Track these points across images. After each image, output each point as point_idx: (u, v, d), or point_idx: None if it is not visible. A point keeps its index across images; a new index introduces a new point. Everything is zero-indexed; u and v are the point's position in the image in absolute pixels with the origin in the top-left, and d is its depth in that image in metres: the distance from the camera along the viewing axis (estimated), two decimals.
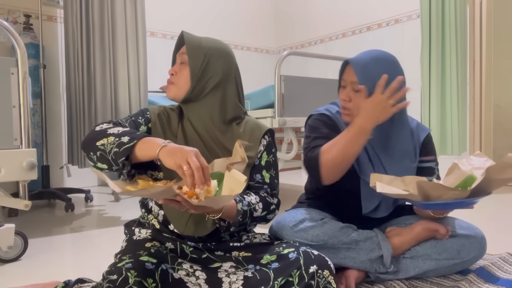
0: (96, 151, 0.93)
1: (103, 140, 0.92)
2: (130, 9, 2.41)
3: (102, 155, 0.92)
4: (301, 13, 4.47)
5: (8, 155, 1.43)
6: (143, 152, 0.90)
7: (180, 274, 0.91)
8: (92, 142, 0.94)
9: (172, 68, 1.11)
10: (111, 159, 0.91)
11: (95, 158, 0.93)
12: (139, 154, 0.90)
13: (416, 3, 3.04)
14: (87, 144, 0.95)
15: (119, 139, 0.91)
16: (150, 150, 0.89)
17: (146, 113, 1.09)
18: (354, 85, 1.18)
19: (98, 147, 0.92)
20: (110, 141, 0.92)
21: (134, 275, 0.81)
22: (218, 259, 0.98)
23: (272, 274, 0.91)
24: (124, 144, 0.90)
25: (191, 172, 0.81)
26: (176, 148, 0.86)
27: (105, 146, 0.92)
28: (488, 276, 1.20)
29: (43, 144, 2.76)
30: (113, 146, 0.90)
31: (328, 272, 0.92)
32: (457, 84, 2.91)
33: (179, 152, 0.84)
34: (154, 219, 1.06)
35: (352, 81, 1.18)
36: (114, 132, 0.94)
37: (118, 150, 0.89)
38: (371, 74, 1.14)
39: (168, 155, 0.85)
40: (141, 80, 2.45)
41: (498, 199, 2.60)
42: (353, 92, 1.19)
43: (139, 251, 0.88)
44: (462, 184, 1.13)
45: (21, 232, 1.56)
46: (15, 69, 1.49)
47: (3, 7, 2.98)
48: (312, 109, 2.40)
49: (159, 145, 0.87)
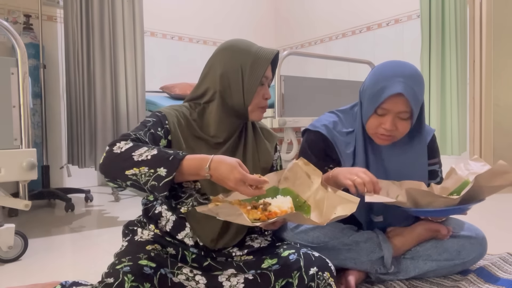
0: (126, 181, 0.84)
1: (134, 170, 0.83)
2: (128, 9, 2.41)
3: (134, 185, 0.84)
4: (301, 13, 4.47)
5: (8, 155, 1.43)
6: (186, 177, 0.85)
7: (180, 279, 0.90)
8: (118, 170, 0.84)
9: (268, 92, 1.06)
10: (147, 190, 0.83)
11: (124, 185, 0.86)
12: (181, 179, 0.85)
13: (416, 3, 3.04)
14: (111, 171, 0.85)
15: (155, 171, 0.82)
16: (195, 175, 0.84)
17: (165, 122, 0.98)
18: (402, 114, 1.11)
19: (128, 177, 0.83)
20: (144, 171, 0.82)
21: (131, 280, 0.80)
22: (219, 266, 0.96)
23: (272, 276, 0.91)
24: (162, 178, 0.81)
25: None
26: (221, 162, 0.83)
27: (137, 176, 0.82)
28: (488, 276, 1.20)
29: (43, 144, 2.76)
30: (150, 179, 0.82)
31: (328, 274, 0.92)
32: (457, 84, 2.91)
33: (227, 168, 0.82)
34: (156, 230, 1.01)
35: (400, 110, 1.10)
36: (143, 159, 0.83)
37: (157, 184, 0.81)
38: (418, 99, 1.11)
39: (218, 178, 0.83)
40: (138, 80, 2.44)
41: (498, 199, 2.59)
42: (399, 121, 1.13)
43: (139, 254, 0.87)
44: (459, 189, 1.13)
45: (21, 232, 1.56)
46: (15, 69, 1.49)
47: (3, 7, 2.98)
48: (312, 109, 2.41)
49: (204, 168, 0.83)
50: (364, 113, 1.17)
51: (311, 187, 0.96)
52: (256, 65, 1.00)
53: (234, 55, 1.02)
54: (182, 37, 4.05)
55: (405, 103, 1.09)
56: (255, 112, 1.04)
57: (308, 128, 1.27)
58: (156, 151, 0.85)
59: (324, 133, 1.21)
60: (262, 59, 1.00)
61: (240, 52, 1.02)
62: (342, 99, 2.42)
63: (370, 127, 1.17)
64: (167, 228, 1.00)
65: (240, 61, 1.01)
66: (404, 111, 1.10)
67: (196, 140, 1.02)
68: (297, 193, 0.97)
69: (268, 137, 1.14)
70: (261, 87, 1.03)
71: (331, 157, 1.22)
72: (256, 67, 1.00)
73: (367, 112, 1.16)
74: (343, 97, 2.46)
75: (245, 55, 1.01)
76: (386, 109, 1.11)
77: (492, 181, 1.01)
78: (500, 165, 0.99)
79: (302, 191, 0.97)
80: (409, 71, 1.12)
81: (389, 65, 1.15)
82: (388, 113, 1.12)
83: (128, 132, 0.93)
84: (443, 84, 2.90)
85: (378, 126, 1.14)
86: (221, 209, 0.81)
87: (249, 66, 1.00)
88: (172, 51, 3.96)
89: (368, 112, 1.15)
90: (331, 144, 1.21)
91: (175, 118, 1.00)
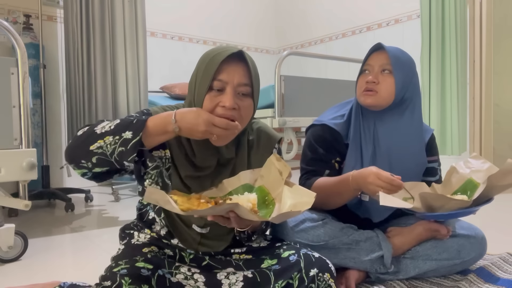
0: (91, 157, 0.82)
1: (98, 143, 0.81)
2: (130, 9, 2.41)
3: (100, 159, 0.82)
4: (301, 13, 4.47)
5: (8, 155, 1.43)
6: (154, 138, 0.82)
7: (178, 278, 0.89)
8: (82, 147, 0.82)
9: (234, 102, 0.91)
10: (114, 160, 0.81)
11: (90, 164, 0.83)
12: (149, 142, 0.82)
13: (416, 3, 3.04)
14: (75, 152, 0.83)
15: (120, 137, 0.80)
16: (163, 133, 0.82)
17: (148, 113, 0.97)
18: (384, 66, 1.20)
19: (93, 152, 0.81)
20: (109, 141, 0.81)
21: (128, 282, 0.79)
22: (218, 265, 0.96)
23: (272, 276, 0.90)
24: (129, 140, 0.80)
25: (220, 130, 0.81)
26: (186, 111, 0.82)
27: (103, 148, 0.81)
28: (488, 276, 1.20)
29: (43, 144, 2.76)
30: (116, 146, 0.80)
31: (328, 275, 0.91)
32: (457, 84, 2.91)
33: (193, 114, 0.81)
34: (152, 233, 1.00)
35: (382, 63, 1.20)
36: (106, 130, 0.82)
37: (124, 149, 0.80)
38: (401, 62, 1.20)
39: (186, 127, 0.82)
40: (141, 80, 2.44)
41: (498, 199, 2.59)
42: (381, 75, 1.21)
43: (136, 257, 0.86)
44: (462, 188, 1.14)
45: (21, 232, 1.56)
46: (15, 69, 1.49)
47: (3, 7, 2.98)
48: (312, 109, 2.41)
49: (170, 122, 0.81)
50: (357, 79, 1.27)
51: (281, 184, 0.92)
52: (207, 68, 0.89)
53: (198, 61, 0.95)
54: (182, 37, 4.05)
55: (386, 57, 1.19)
56: None
57: (314, 123, 1.30)
58: (118, 120, 0.84)
59: (331, 126, 1.25)
60: (213, 61, 0.89)
61: (203, 57, 0.94)
62: (342, 99, 2.41)
63: (358, 88, 1.26)
64: (161, 232, 0.99)
65: (198, 67, 0.93)
66: (385, 63, 1.19)
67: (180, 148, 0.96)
68: (268, 191, 0.93)
69: (267, 144, 1.04)
70: (217, 93, 0.89)
71: (337, 150, 1.24)
72: (206, 70, 0.89)
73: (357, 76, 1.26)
74: (343, 97, 2.44)
75: (203, 59, 0.92)
76: (370, 64, 1.22)
77: (502, 180, 1.02)
78: (509, 163, 1.00)
79: (274, 189, 0.93)
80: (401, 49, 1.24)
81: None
82: (371, 69, 1.22)
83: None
84: (443, 84, 2.90)
85: (364, 84, 1.22)
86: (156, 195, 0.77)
87: (202, 71, 0.91)
88: (172, 51, 3.96)
89: (358, 75, 1.26)
90: (336, 137, 1.24)
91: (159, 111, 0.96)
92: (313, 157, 1.24)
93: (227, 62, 0.89)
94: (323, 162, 1.24)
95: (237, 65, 0.90)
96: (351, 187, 1.09)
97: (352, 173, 1.10)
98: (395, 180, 1.01)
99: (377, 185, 1.03)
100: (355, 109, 1.27)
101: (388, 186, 1.02)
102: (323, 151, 1.23)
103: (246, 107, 0.92)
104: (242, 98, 0.91)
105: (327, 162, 1.24)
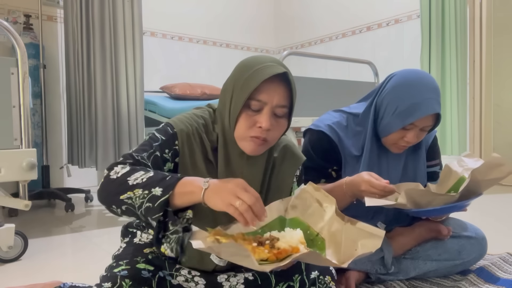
0: (121, 205, 0.78)
1: (128, 194, 0.77)
2: (128, 8, 2.41)
3: (128, 209, 0.78)
4: (301, 13, 4.47)
5: (8, 155, 1.43)
6: (181, 201, 0.76)
7: (179, 280, 0.89)
8: (113, 195, 0.79)
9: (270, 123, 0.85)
10: (140, 214, 0.77)
11: (119, 211, 0.80)
12: (177, 203, 0.76)
13: (416, 3, 3.04)
14: (107, 198, 0.81)
15: (149, 192, 0.75)
16: (190, 197, 0.75)
17: (175, 143, 0.88)
18: (426, 127, 1.12)
19: (123, 202, 0.78)
20: (138, 194, 0.76)
21: (128, 284, 0.79)
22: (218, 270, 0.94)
23: (273, 278, 0.90)
24: (157, 198, 0.75)
25: (246, 207, 0.70)
26: (221, 185, 0.74)
27: (132, 200, 0.77)
28: (488, 276, 1.20)
29: (43, 144, 2.76)
30: (144, 201, 0.76)
31: (329, 278, 0.91)
32: (457, 84, 2.91)
33: (225, 189, 0.72)
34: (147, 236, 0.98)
35: (427, 125, 1.11)
36: (138, 182, 0.78)
37: (151, 205, 0.75)
38: None
39: (214, 196, 0.73)
40: (137, 80, 2.44)
41: (498, 199, 2.59)
42: (420, 132, 1.13)
43: (137, 257, 0.86)
44: (455, 186, 1.13)
45: (21, 232, 1.56)
46: (15, 69, 1.49)
47: (3, 7, 2.98)
48: (312, 109, 2.41)
49: (201, 188, 0.74)
50: (387, 125, 1.13)
51: (324, 217, 0.83)
52: (246, 84, 0.84)
53: (235, 71, 0.89)
54: (182, 37, 4.05)
55: (434, 118, 1.10)
56: (244, 142, 0.86)
57: (311, 127, 1.23)
58: (152, 173, 0.79)
59: (328, 134, 1.18)
60: (254, 78, 0.83)
61: (241, 68, 0.88)
62: (342, 99, 2.42)
63: (391, 139, 1.14)
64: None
65: (236, 77, 0.87)
66: (430, 125, 1.11)
67: (207, 163, 0.91)
68: (308, 224, 0.83)
69: (290, 165, 0.99)
70: (253, 112, 0.85)
71: (334, 158, 1.19)
72: (246, 86, 0.84)
73: (391, 126, 1.12)
74: (343, 97, 2.46)
75: (243, 72, 0.86)
76: (415, 125, 1.10)
77: (488, 175, 1.01)
78: (494, 157, 1.00)
79: (314, 222, 0.83)
80: (435, 84, 1.11)
81: (416, 79, 1.11)
82: (414, 127, 1.10)
83: (130, 152, 0.86)
84: (443, 84, 2.90)
85: (400, 139, 1.13)
86: (224, 248, 0.69)
87: (240, 85, 0.85)
88: (172, 51, 3.96)
89: (393, 127, 1.11)
90: (335, 145, 1.18)
91: (186, 137, 0.89)
92: (309, 165, 1.19)
93: (269, 81, 0.83)
94: (319, 171, 1.20)
95: (278, 85, 0.84)
96: (347, 194, 1.07)
97: (345, 181, 1.07)
98: (387, 187, 1.00)
99: (371, 192, 1.01)
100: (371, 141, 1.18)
101: (381, 193, 1.00)
102: (320, 159, 1.20)
103: (279, 127, 0.87)
104: (278, 119, 0.86)
105: (323, 171, 1.20)
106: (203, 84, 3.30)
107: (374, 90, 1.22)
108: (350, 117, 1.24)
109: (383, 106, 1.14)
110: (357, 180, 1.03)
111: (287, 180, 0.96)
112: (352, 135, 1.21)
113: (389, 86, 1.14)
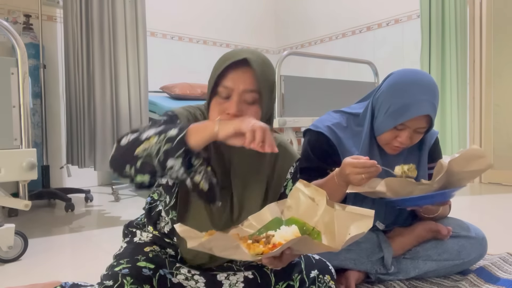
0: (136, 161, 0.77)
1: (144, 145, 0.77)
2: (130, 9, 2.41)
3: (145, 163, 0.77)
4: (301, 13, 4.47)
5: (8, 155, 1.43)
6: (197, 138, 0.77)
7: (179, 279, 0.90)
8: (128, 153, 0.79)
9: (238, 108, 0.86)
10: (158, 162, 0.76)
11: (133, 170, 0.79)
12: (192, 142, 0.76)
13: (416, 3, 3.04)
14: (120, 159, 0.80)
15: (165, 136, 0.77)
16: (204, 132, 0.77)
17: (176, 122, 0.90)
18: (420, 129, 1.12)
19: (138, 156, 0.77)
20: (154, 141, 0.77)
21: (130, 282, 0.80)
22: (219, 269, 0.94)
23: (273, 277, 0.91)
24: (174, 138, 0.76)
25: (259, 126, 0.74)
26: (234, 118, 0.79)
27: (148, 150, 0.77)
28: (488, 276, 1.20)
29: (43, 144, 2.76)
30: (161, 145, 0.76)
31: (329, 277, 0.92)
32: (457, 84, 2.91)
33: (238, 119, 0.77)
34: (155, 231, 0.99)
35: (419, 127, 1.11)
36: (150, 134, 0.79)
37: (171, 145, 0.75)
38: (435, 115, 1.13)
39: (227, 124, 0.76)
40: (141, 80, 2.44)
41: (498, 199, 2.59)
42: (414, 134, 1.13)
43: (137, 256, 0.87)
44: None
45: (21, 232, 1.56)
46: (15, 69, 1.49)
47: (3, 7, 2.98)
48: (312, 109, 2.41)
49: (214, 122, 0.77)
50: (380, 125, 1.14)
51: (317, 211, 0.84)
52: (214, 72, 0.88)
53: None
54: (182, 37, 4.06)
55: (427, 120, 1.10)
56: None
57: (310, 128, 1.24)
58: (163, 127, 0.81)
59: (327, 135, 1.19)
60: (220, 65, 0.87)
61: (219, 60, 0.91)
62: (342, 99, 2.42)
63: (384, 139, 1.15)
64: (165, 229, 0.98)
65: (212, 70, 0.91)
66: (423, 127, 1.11)
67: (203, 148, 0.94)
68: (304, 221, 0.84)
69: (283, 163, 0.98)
70: (224, 100, 0.86)
71: (333, 159, 1.19)
72: (212, 76, 0.88)
73: (383, 125, 1.13)
74: (343, 97, 2.46)
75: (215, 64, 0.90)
76: (407, 125, 1.10)
77: (468, 166, 1.02)
78: (474, 149, 1.00)
79: (309, 217, 0.84)
80: (431, 86, 1.10)
81: (411, 79, 1.11)
82: (407, 128, 1.11)
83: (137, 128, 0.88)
84: (443, 84, 2.91)
85: (393, 139, 1.13)
86: (214, 242, 0.69)
87: (210, 76, 0.89)
88: (172, 51, 3.96)
89: (385, 126, 1.12)
90: (334, 146, 1.19)
91: (186, 119, 0.92)
92: (308, 166, 1.19)
93: (234, 68, 0.86)
94: (318, 172, 1.19)
95: (244, 72, 0.86)
96: (340, 185, 1.08)
97: (335, 172, 1.09)
98: (367, 162, 0.99)
99: (355, 173, 1.01)
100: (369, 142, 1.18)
101: (365, 170, 1.00)
102: (319, 160, 1.20)
103: (251, 114, 0.86)
104: (248, 105, 0.87)
105: (322, 172, 1.20)
106: (203, 84, 3.30)
107: (373, 90, 1.22)
108: (350, 118, 1.24)
109: (377, 105, 1.16)
110: (342, 165, 1.05)
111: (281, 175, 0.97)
112: (353, 135, 1.21)
113: (385, 86, 1.15)
